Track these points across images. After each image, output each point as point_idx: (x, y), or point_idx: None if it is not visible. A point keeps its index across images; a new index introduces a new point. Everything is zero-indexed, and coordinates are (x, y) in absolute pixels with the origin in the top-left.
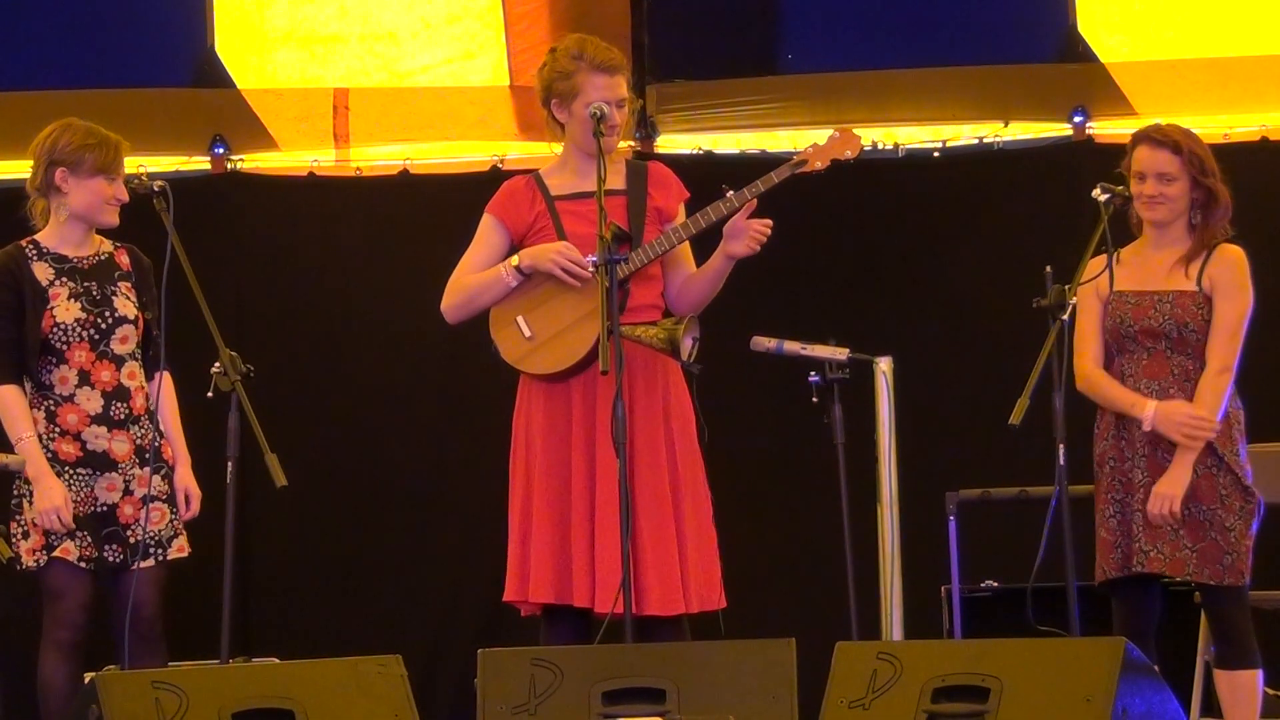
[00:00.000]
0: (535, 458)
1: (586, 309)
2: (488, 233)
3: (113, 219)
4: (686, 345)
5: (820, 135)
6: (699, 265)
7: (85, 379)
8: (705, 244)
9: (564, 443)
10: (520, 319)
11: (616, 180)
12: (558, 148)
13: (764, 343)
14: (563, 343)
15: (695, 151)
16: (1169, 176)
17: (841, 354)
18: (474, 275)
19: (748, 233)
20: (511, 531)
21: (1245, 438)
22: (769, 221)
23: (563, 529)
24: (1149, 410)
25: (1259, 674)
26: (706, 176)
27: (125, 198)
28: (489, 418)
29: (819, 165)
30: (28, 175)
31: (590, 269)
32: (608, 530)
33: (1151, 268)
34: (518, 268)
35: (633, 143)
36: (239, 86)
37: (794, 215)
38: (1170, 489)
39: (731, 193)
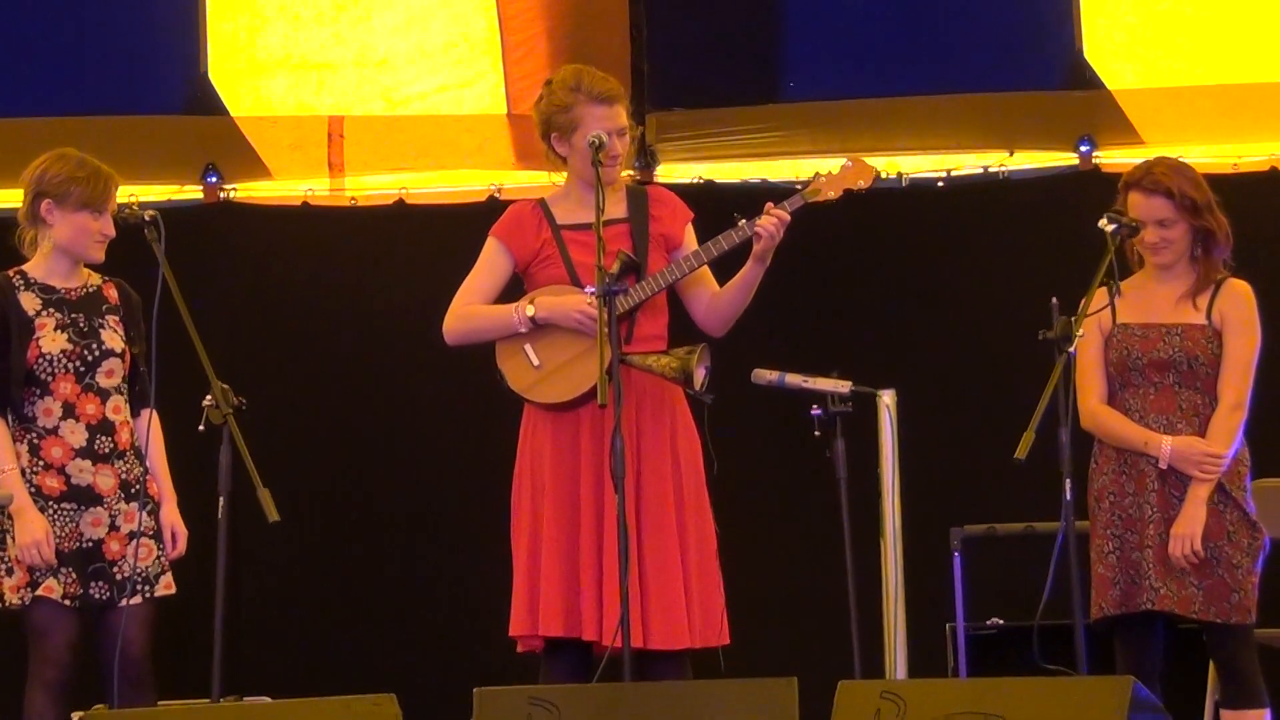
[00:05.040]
0: (544, 489)
1: (594, 338)
2: (493, 257)
3: (97, 255)
4: (699, 375)
5: (823, 164)
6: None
7: (70, 411)
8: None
9: (572, 474)
10: (527, 347)
11: (618, 209)
12: (558, 177)
13: (765, 375)
14: (571, 372)
15: (695, 181)
16: (1166, 221)
17: (844, 387)
18: (482, 308)
19: (760, 224)
20: (517, 564)
21: (1251, 474)
22: (780, 214)
23: (571, 561)
24: (1165, 447)
25: (1266, 713)
26: (707, 206)
27: (111, 233)
28: (487, 451)
29: (832, 195)
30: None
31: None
32: (616, 563)
33: (1156, 301)
34: (533, 318)
35: (632, 171)
36: (232, 114)
37: (796, 246)
38: (1188, 528)
39: (744, 221)
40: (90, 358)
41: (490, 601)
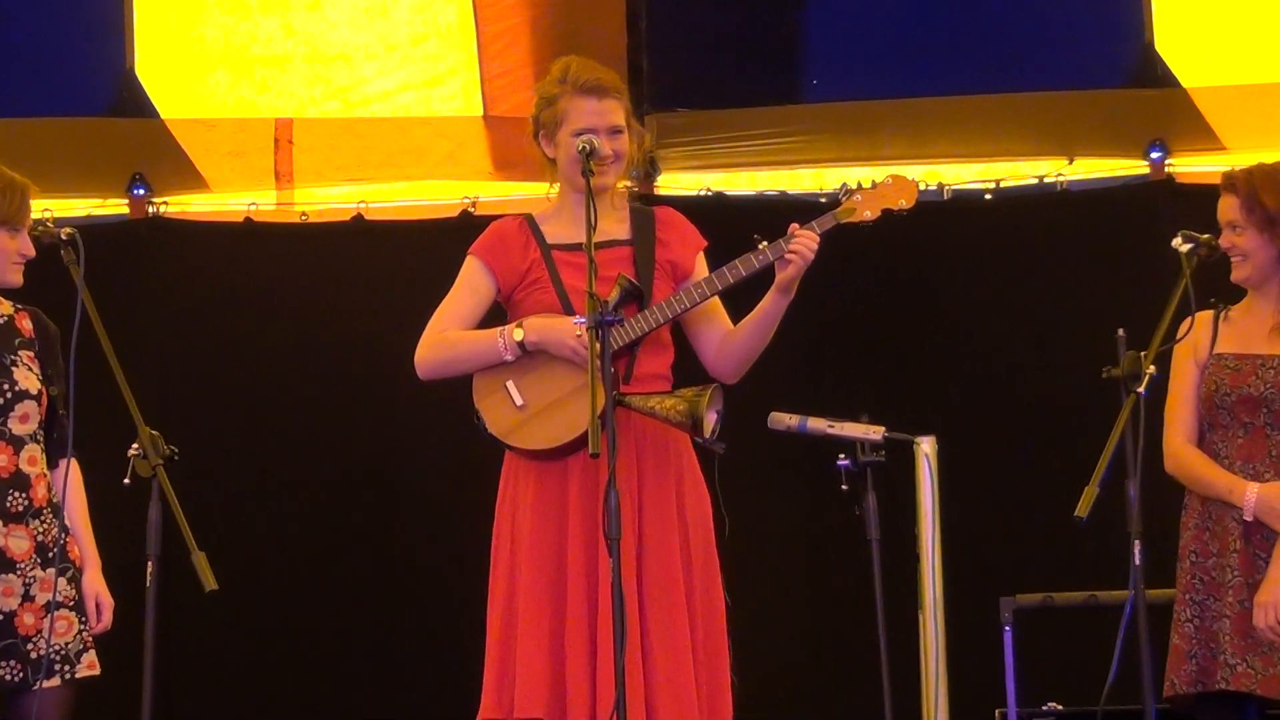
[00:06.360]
0: (522, 549)
1: (586, 375)
2: (472, 279)
3: (15, 278)
4: (709, 420)
5: (850, 174)
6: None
7: None
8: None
9: (559, 533)
10: (510, 384)
11: (620, 229)
12: (535, 189)
13: (784, 420)
14: (560, 413)
15: (702, 193)
16: (1236, 225)
17: (876, 433)
18: (462, 334)
19: (789, 249)
20: (490, 636)
21: None
22: (810, 235)
23: (556, 635)
24: (1250, 495)
25: None
26: (715, 222)
27: (30, 253)
28: (463, 504)
29: (868, 215)
30: None
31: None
32: (611, 638)
33: (1255, 329)
34: (521, 343)
35: (629, 183)
36: (162, 116)
37: (819, 269)
38: (1270, 595)
39: (764, 244)
40: (1, 400)
41: (459, 682)
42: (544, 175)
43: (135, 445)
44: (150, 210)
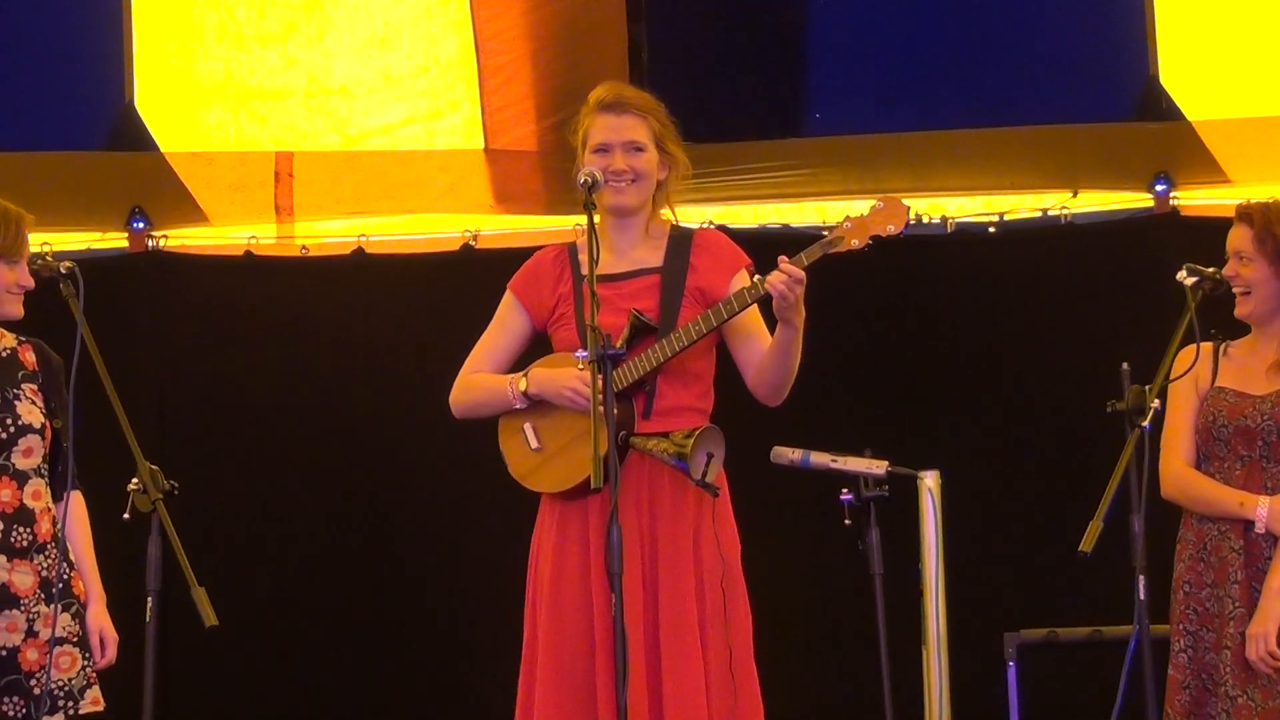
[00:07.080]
0: (544, 589)
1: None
2: (507, 314)
3: (15, 310)
4: (698, 462)
5: (853, 207)
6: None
7: None
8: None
9: (580, 572)
10: (528, 427)
11: (652, 256)
12: (530, 222)
13: (786, 454)
14: (571, 455)
15: (704, 226)
16: (1245, 256)
17: (879, 468)
18: (482, 378)
19: (766, 282)
20: (520, 683)
21: None
22: (792, 270)
23: (581, 671)
24: (1262, 509)
25: None
26: None
27: (30, 284)
28: (465, 536)
29: (856, 244)
30: None
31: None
32: (635, 672)
33: (1256, 367)
34: (525, 393)
35: None
36: (162, 149)
37: (821, 303)
38: (1261, 627)
39: (757, 277)
40: (4, 435)
41: (467, 717)
42: (546, 208)
43: (135, 480)
44: (150, 244)
